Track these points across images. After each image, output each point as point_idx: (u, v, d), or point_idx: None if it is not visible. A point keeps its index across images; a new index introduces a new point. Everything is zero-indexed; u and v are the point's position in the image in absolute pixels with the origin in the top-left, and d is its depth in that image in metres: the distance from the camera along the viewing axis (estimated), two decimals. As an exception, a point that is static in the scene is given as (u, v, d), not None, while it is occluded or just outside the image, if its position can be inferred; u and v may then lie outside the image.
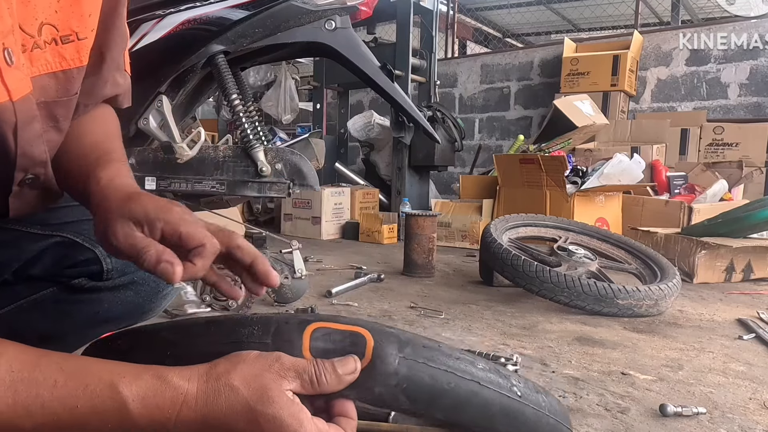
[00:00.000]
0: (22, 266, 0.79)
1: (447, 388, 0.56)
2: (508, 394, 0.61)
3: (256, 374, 0.50)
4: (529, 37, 9.08)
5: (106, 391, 0.48)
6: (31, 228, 0.79)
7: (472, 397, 0.58)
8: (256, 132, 1.83)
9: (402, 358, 0.54)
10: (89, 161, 0.71)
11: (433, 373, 0.55)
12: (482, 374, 0.59)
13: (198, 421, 0.49)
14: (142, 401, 0.48)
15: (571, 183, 3.48)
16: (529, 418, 0.63)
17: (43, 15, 0.62)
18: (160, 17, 1.77)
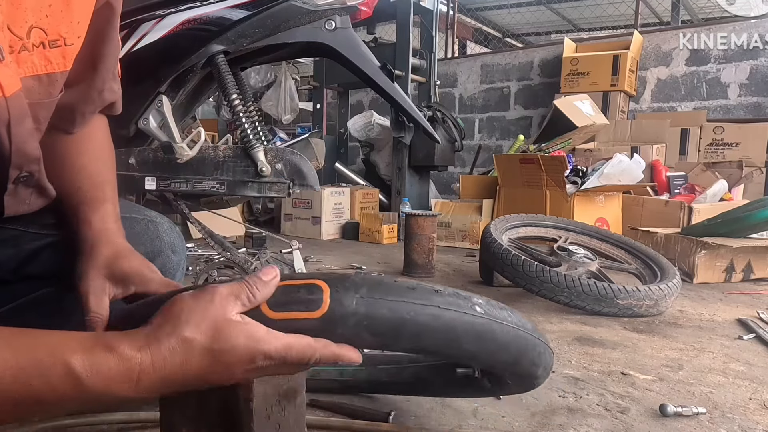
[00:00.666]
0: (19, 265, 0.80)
1: (407, 317, 0.58)
2: (470, 312, 0.62)
3: (202, 316, 0.51)
4: (529, 37, 9.08)
5: (59, 368, 0.48)
6: (28, 228, 0.80)
7: (433, 321, 0.59)
8: (256, 132, 1.83)
9: (359, 298, 0.56)
10: (82, 195, 0.76)
11: (392, 306, 0.57)
12: (440, 299, 0.61)
13: (159, 383, 0.50)
14: (97, 376, 0.49)
15: (571, 183, 3.48)
16: (497, 332, 0.64)
17: (33, 18, 0.63)
18: (160, 17, 1.77)
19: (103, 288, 0.66)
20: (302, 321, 0.55)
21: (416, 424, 1.10)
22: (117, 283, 0.67)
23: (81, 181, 0.79)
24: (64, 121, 0.79)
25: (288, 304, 0.56)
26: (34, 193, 0.76)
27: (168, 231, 0.90)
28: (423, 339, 0.60)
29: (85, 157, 0.83)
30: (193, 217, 1.93)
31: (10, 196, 0.72)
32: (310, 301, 0.56)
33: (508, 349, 0.67)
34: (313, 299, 0.56)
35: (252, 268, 1.86)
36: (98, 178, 0.81)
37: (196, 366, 0.51)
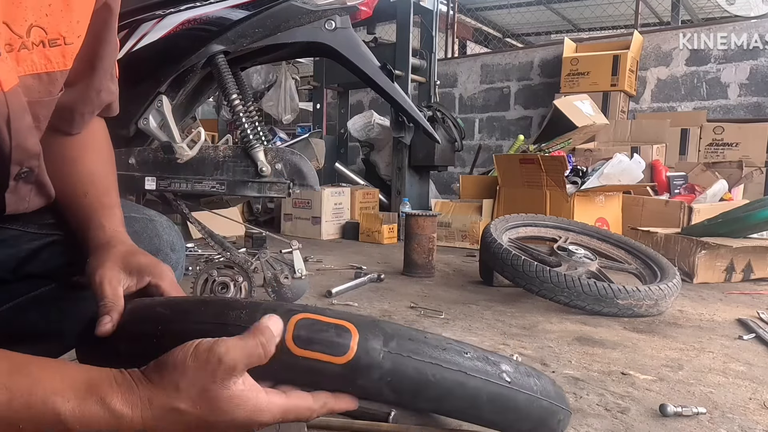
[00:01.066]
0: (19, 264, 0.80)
1: (432, 380, 0.56)
2: (497, 381, 0.61)
3: (201, 389, 0.49)
4: (529, 37, 9.08)
5: (49, 416, 0.49)
6: (27, 227, 0.80)
7: (457, 387, 0.58)
8: (256, 132, 1.83)
9: (387, 352, 0.54)
10: (91, 200, 0.78)
11: (418, 366, 0.56)
12: (469, 363, 0.59)
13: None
14: (85, 428, 0.49)
15: (571, 183, 3.48)
16: (521, 403, 0.63)
17: (33, 17, 0.63)
18: (160, 17, 1.77)
19: (117, 278, 0.66)
20: (325, 364, 0.53)
21: (416, 423, 1.10)
22: (131, 275, 0.67)
23: (88, 185, 0.80)
24: (63, 121, 0.79)
25: (314, 343, 0.54)
26: (34, 191, 0.76)
27: (167, 229, 0.90)
28: (444, 403, 0.58)
29: (90, 161, 0.83)
30: (193, 217, 1.93)
31: (11, 193, 0.72)
32: (336, 345, 0.53)
33: (529, 419, 0.65)
34: (340, 343, 0.54)
35: (252, 268, 1.86)
36: (105, 182, 0.82)
37: (188, 431, 0.50)
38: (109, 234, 0.74)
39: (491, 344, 1.66)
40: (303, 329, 0.54)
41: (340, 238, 4.22)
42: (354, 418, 1.10)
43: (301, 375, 0.54)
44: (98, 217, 0.77)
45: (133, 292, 0.67)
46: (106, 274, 0.66)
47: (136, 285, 0.67)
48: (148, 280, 0.67)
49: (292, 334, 0.54)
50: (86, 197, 0.79)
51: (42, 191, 0.77)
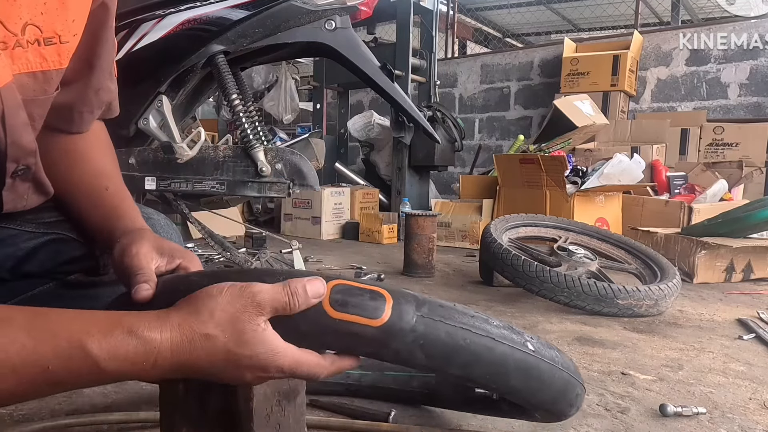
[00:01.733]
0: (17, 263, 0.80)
1: (462, 344, 0.57)
2: (522, 348, 0.62)
3: (231, 318, 0.52)
4: (529, 37, 9.08)
5: (76, 352, 0.49)
6: (25, 226, 0.80)
7: (486, 352, 0.59)
8: (256, 132, 1.83)
9: (419, 316, 0.56)
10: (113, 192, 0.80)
11: (449, 330, 0.57)
12: (496, 331, 0.61)
13: (173, 368, 0.51)
14: (113, 359, 0.49)
15: (571, 183, 3.48)
16: (544, 372, 0.64)
17: (28, 15, 0.63)
18: (160, 17, 1.78)
19: (151, 254, 0.67)
20: (361, 326, 0.54)
21: (416, 423, 1.10)
22: (163, 255, 0.68)
23: (107, 180, 0.82)
24: (63, 120, 0.79)
25: (350, 306, 0.55)
26: (32, 188, 0.76)
27: (165, 227, 0.91)
28: (474, 368, 0.59)
29: (101, 158, 0.85)
30: (193, 217, 1.93)
31: (8, 191, 0.72)
32: (372, 308, 0.55)
33: (551, 389, 0.67)
34: (375, 306, 0.55)
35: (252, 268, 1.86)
36: (119, 179, 0.85)
37: (212, 362, 0.52)
38: (139, 224, 0.76)
39: (491, 344, 1.66)
40: (339, 293, 0.55)
41: (340, 238, 4.22)
42: (354, 418, 1.11)
43: (339, 338, 0.56)
44: (125, 207, 0.78)
45: (162, 273, 0.68)
46: (141, 249, 0.67)
47: (165, 266, 0.68)
48: (179, 262, 0.68)
49: (329, 298, 0.55)
50: (108, 191, 0.80)
51: (40, 189, 0.78)
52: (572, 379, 0.70)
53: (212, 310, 0.52)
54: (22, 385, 0.49)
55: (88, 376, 0.50)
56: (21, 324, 0.50)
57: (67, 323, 0.51)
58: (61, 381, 0.50)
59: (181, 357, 0.51)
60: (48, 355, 0.49)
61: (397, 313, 0.55)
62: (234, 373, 0.53)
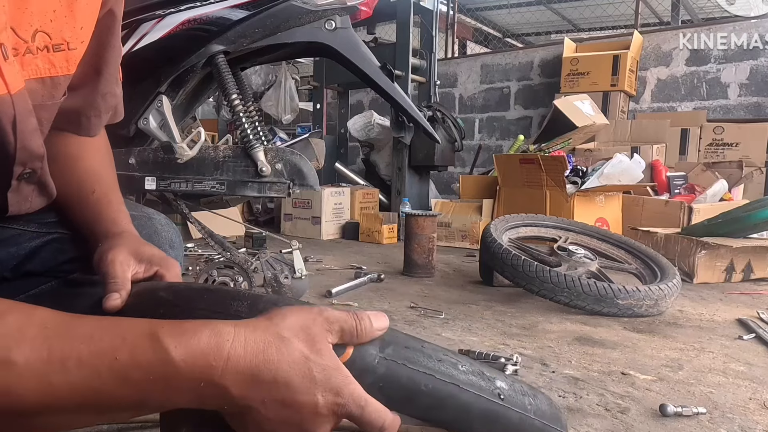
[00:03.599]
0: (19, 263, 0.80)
1: (424, 390, 0.56)
2: (489, 397, 0.61)
3: (304, 326, 0.49)
4: (529, 37, 9.08)
5: (146, 341, 0.46)
6: (28, 226, 0.81)
7: (449, 399, 0.58)
8: (256, 132, 1.83)
9: (382, 357, 0.55)
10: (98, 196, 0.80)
11: (411, 375, 0.56)
12: (463, 377, 0.60)
13: (248, 371, 0.46)
14: (185, 347, 0.45)
15: (571, 183, 3.48)
16: (512, 421, 0.62)
17: (39, 22, 0.65)
18: (160, 17, 1.78)
19: (128, 261, 0.66)
20: None
21: (416, 424, 1.10)
22: (141, 262, 0.68)
23: (95, 183, 0.82)
24: (71, 124, 0.81)
25: None
26: (36, 191, 0.77)
27: (165, 227, 0.91)
28: (435, 413, 0.58)
29: (93, 160, 0.85)
30: (193, 217, 1.93)
31: (13, 193, 0.73)
32: (334, 346, 0.53)
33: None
34: (337, 345, 0.53)
35: (252, 268, 1.86)
36: (109, 181, 0.85)
37: (289, 368, 0.47)
38: (121, 227, 0.76)
39: (491, 344, 1.66)
40: None
41: (340, 238, 4.22)
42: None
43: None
44: (108, 212, 0.78)
45: (139, 279, 0.67)
46: (117, 257, 0.66)
47: (143, 273, 0.68)
48: (156, 270, 0.68)
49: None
50: (94, 194, 0.81)
51: (44, 191, 0.79)
52: (547, 427, 0.67)
53: (285, 315, 0.50)
54: (86, 380, 0.45)
55: (157, 370, 0.45)
56: (90, 318, 0.48)
57: (135, 319, 0.49)
58: (126, 376, 0.45)
59: (257, 358, 0.46)
60: (116, 343, 0.45)
61: (359, 353, 0.54)
62: (307, 389, 0.47)
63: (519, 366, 1.42)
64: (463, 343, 1.64)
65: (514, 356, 1.46)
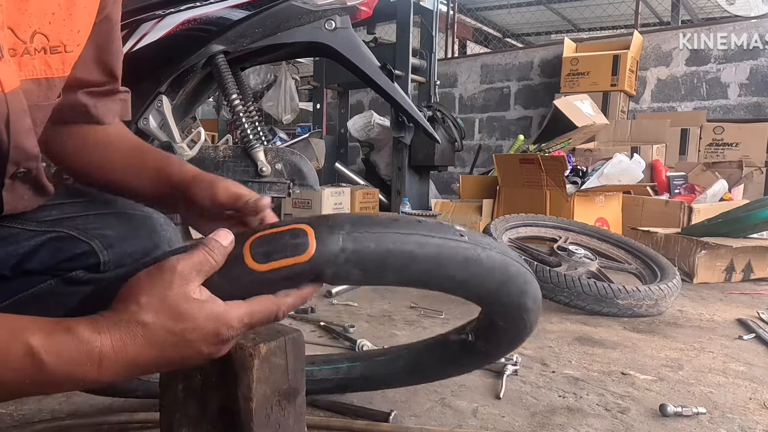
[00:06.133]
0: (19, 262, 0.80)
1: (393, 248, 0.58)
2: (455, 238, 0.62)
3: (160, 298, 0.51)
4: (529, 37, 9.09)
5: (19, 348, 0.48)
6: (26, 225, 0.81)
7: (418, 249, 0.59)
8: (256, 132, 1.83)
9: (344, 234, 0.57)
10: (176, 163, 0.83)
11: (377, 238, 0.58)
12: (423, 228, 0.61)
13: (124, 366, 0.50)
14: (58, 357, 0.48)
15: (571, 183, 3.48)
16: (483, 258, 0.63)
17: (37, 24, 0.66)
18: (160, 17, 1.78)
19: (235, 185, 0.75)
20: (291, 267, 0.55)
21: (416, 424, 1.10)
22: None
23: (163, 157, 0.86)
24: (83, 115, 0.84)
25: (274, 253, 0.56)
26: (31, 190, 0.78)
27: (164, 226, 0.91)
28: (410, 269, 0.59)
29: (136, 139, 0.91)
30: (193, 217, 1.93)
31: (7, 192, 0.74)
32: (296, 246, 0.55)
33: (494, 275, 0.65)
34: (299, 243, 0.56)
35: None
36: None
37: (160, 349, 0.51)
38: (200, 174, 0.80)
39: (491, 344, 1.66)
40: (260, 246, 0.56)
41: (340, 238, 4.22)
42: (354, 418, 1.11)
43: (276, 286, 0.57)
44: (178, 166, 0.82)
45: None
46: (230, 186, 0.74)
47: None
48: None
49: (250, 255, 0.56)
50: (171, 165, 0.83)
51: (40, 190, 0.79)
52: (515, 263, 0.68)
53: (138, 299, 0.52)
54: None
55: (33, 376, 0.49)
56: None
57: (9, 322, 0.50)
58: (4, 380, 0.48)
59: (128, 354, 0.50)
60: None
61: (321, 241, 0.56)
62: (188, 352, 0.52)
63: (519, 366, 1.42)
64: (463, 343, 1.64)
65: (514, 356, 1.46)
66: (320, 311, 1.96)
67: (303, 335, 0.73)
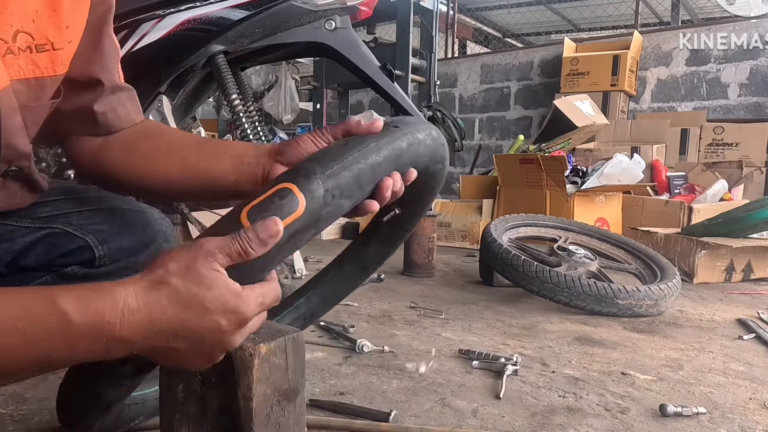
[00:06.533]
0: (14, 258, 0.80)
1: (361, 166, 0.65)
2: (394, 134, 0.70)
3: (188, 266, 0.53)
4: (529, 37, 9.08)
5: (44, 305, 0.49)
6: (21, 222, 0.81)
7: (378, 157, 0.66)
8: (256, 132, 1.83)
9: (322, 176, 0.61)
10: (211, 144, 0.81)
11: (344, 166, 0.63)
12: (371, 140, 0.68)
13: (144, 321, 0.51)
14: (82, 309, 0.49)
15: (571, 183, 3.48)
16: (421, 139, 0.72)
17: (19, 23, 0.64)
18: (160, 17, 1.77)
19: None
20: (293, 224, 0.58)
21: (416, 424, 1.10)
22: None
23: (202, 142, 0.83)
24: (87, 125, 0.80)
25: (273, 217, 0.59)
26: (24, 187, 0.77)
27: (159, 221, 0.91)
28: (378, 174, 0.66)
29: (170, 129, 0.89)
30: (193, 217, 1.94)
31: (0, 190, 0.73)
32: (289, 204, 0.59)
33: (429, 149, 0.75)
34: (288, 201, 0.59)
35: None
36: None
37: (182, 308, 0.52)
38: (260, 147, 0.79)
39: (491, 344, 1.66)
40: (257, 215, 0.58)
41: (340, 238, 4.22)
42: (354, 418, 1.11)
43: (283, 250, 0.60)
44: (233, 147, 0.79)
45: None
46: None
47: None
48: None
49: (248, 224, 0.58)
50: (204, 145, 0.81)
51: (32, 187, 0.79)
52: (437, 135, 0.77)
53: (165, 264, 0.53)
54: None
55: (58, 332, 0.49)
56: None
57: (34, 289, 0.52)
58: (30, 340, 0.49)
59: (150, 309, 0.51)
60: (14, 309, 0.49)
61: (308, 193, 0.60)
62: (209, 323, 0.53)
63: (519, 366, 1.42)
64: (463, 343, 1.64)
65: (514, 356, 1.46)
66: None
67: (303, 335, 0.73)
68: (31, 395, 1.18)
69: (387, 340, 1.65)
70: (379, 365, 1.44)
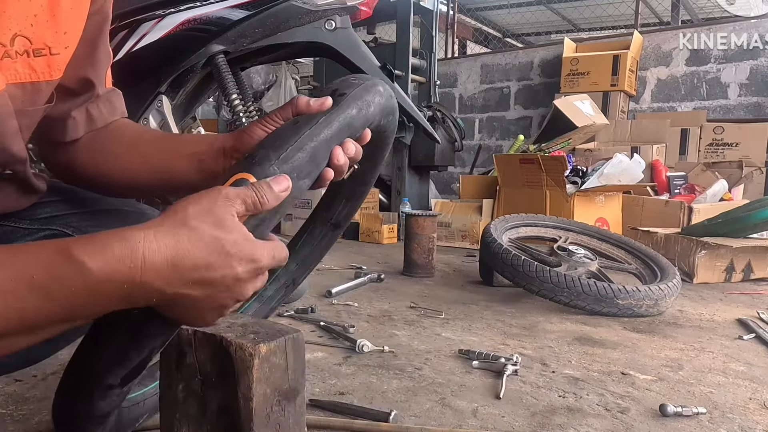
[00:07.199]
0: None
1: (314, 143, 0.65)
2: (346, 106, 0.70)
3: (208, 209, 0.52)
4: (529, 37, 9.08)
5: (60, 256, 0.47)
6: (20, 223, 0.81)
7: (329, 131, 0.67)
8: (256, 132, 1.83)
9: (276, 162, 0.61)
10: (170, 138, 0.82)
11: (298, 146, 0.64)
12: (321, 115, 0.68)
13: (167, 263, 0.49)
14: (100, 256, 0.47)
15: (571, 183, 3.48)
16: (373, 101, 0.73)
17: (18, 27, 0.63)
18: (160, 17, 1.77)
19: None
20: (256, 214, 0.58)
21: (416, 424, 1.10)
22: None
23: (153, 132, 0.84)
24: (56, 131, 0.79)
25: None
26: (20, 190, 0.77)
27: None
28: (330, 146, 0.67)
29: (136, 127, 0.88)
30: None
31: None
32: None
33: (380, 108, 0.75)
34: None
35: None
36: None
37: (202, 248, 0.51)
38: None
39: (491, 344, 1.66)
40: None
41: (340, 237, 4.22)
42: (354, 418, 1.11)
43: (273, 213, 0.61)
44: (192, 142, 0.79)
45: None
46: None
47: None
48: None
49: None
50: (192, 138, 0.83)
51: (29, 190, 0.78)
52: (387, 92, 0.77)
53: (186, 206, 0.52)
54: (8, 304, 0.46)
55: (78, 283, 0.47)
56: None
57: (43, 243, 0.50)
58: (50, 294, 0.47)
59: (170, 249, 0.49)
60: (30, 264, 0.47)
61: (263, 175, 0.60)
62: (227, 269, 0.52)
63: (519, 366, 1.42)
64: (463, 343, 1.64)
65: (514, 356, 1.46)
66: (320, 311, 1.96)
67: (303, 335, 0.73)
68: (31, 395, 1.18)
69: (387, 340, 1.65)
70: (379, 365, 1.44)
